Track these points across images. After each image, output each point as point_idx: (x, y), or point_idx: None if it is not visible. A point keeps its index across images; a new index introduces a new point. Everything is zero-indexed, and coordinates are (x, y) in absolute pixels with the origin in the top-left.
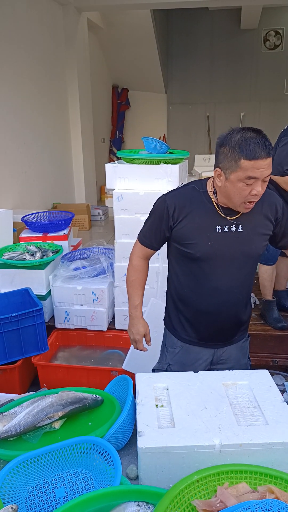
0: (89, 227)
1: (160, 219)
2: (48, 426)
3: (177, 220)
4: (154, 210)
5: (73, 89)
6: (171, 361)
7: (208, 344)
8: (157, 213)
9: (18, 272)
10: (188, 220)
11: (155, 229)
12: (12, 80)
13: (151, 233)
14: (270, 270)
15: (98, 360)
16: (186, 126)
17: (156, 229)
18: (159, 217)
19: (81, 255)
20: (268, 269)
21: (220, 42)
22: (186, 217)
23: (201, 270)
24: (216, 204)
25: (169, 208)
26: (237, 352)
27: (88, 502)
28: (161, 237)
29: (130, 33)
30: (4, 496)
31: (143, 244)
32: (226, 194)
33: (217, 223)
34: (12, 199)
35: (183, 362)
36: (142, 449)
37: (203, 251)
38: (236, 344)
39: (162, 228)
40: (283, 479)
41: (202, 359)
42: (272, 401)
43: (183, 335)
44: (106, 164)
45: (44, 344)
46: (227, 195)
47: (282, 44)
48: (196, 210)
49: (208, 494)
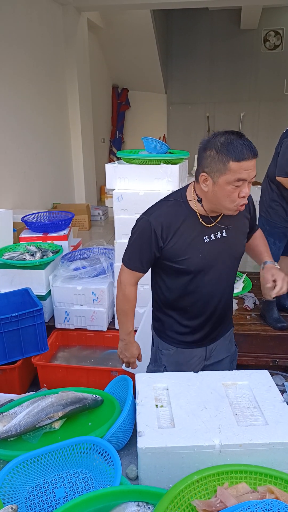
0: (89, 227)
1: (148, 241)
2: (48, 426)
3: (166, 239)
4: (138, 233)
5: (73, 89)
6: (166, 363)
7: (202, 344)
8: (144, 235)
9: (18, 272)
10: (177, 237)
11: (144, 252)
12: (12, 80)
13: (140, 257)
14: None
15: (98, 360)
16: (186, 126)
17: (145, 251)
18: (147, 239)
19: (81, 255)
20: None
21: (220, 42)
22: (175, 235)
23: (194, 282)
24: (199, 215)
25: (155, 229)
26: (226, 343)
27: (88, 502)
28: (151, 259)
29: (130, 33)
30: (4, 496)
31: (134, 270)
32: (214, 199)
33: (204, 233)
34: (12, 199)
35: (178, 361)
36: (142, 449)
37: (196, 265)
38: (224, 336)
39: (151, 250)
40: (283, 479)
41: (196, 356)
42: (272, 401)
43: (176, 340)
44: (106, 164)
45: (44, 344)
46: (215, 200)
47: (282, 44)
48: (183, 225)
49: (208, 494)
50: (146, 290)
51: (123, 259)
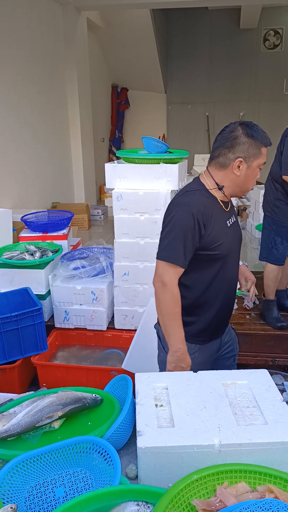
0: (89, 227)
1: (192, 232)
2: (47, 426)
3: (206, 227)
4: (180, 226)
5: (72, 88)
6: (192, 367)
7: (218, 335)
8: (187, 227)
9: (18, 272)
10: (213, 224)
11: (187, 245)
12: (12, 80)
13: (184, 251)
14: (276, 271)
15: (97, 360)
16: (185, 126)
17: (189, 244)
18: (191, 230)
19: (81, 254)
20: (274, 269)
21: (220, 42)
22: (211, 222)
23: (223, 267)
24: (221, 201)
25: (198, 218)
26: (229, 329)
27: (87, 501)
28: (192, 252)
29: (130, 32)
30: (4, 495)
31: (180, 266)
32: (243, 182)
33: (225, 218)
34: (11, 198)
35: (202, 362)
36: (141, 449)
37: (226, 248)
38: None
39: (194, 241)
40: (282, 478)
41: (214, 350)
42: (271, 401)
43: (199, 338)
44: (106, 164)
45: (44, 344)
46: (244, 183)
47: (282, 44)
48: (214, 212)
49: (208, 494)
50: (146, 289)
51: (166, 257)
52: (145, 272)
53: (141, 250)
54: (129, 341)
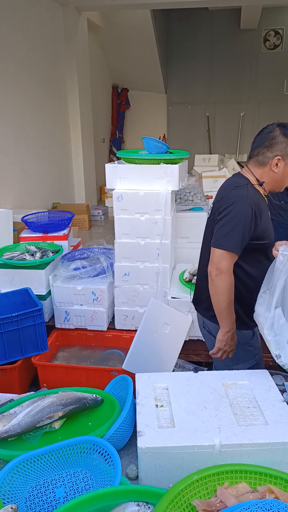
0: (89, 227)
1: (250, 223)
2: (48, 426)
3: (259, 218)
4: (241, 217)
5: (73, 88)
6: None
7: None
8: (247, 217)
9: (18, 272)
10: (264, 215)
11: (245, 235)
12: (12, 80)
13: (242, 240)
14: None
15: (98, 360)
16: (186, 126)
17: (246, 233)
18: (250, 221)
19: (81, 255)
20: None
21: (220, 42)
22: (262, 213)
23: (269, 256)
24: (264, 194)
25: (255, 210)
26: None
27: (88, 502)
28: (246, 242)
29: (130, 33)
30: (4, 496)
31: (237, 253)
32: (281, 179)
33: (268, 210)
34: (12, 199)
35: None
36: (142, 449)
37: (271, 238)
38: None
39: (251, 231)
40: (282, 479)
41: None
42: (272, 401)
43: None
44: (106, 164)
45: (44, 344)
46: (281, 179)
47: (282, 44)
48: (262, 204)
49: (208, 494)
50: (147, 290)
51: (226, 246)
52: (146, 273)
53: (141, 251)
54: (129, 341)
